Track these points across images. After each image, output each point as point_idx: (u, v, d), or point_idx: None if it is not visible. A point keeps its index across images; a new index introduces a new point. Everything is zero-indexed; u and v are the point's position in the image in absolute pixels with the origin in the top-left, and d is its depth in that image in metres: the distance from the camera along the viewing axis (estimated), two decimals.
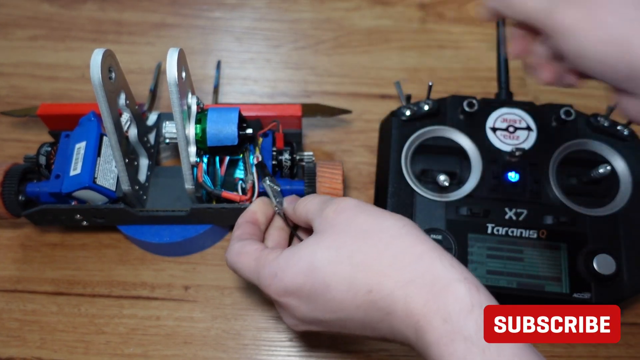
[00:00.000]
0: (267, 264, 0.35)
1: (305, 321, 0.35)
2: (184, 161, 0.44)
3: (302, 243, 0.35)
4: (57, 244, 0.54)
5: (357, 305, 0.32)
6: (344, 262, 0.33)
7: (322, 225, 0.35)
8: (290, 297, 0.34)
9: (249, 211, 0.43)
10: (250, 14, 0.71)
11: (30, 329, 0.49)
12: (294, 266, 0.34)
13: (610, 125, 0.50)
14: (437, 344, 0.29)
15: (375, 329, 0.33)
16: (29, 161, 0.51)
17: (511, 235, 0.47)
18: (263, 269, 0.35)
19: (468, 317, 0.29)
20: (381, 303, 0.31)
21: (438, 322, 0.29)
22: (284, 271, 0.34)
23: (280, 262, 0.35)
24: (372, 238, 0.33)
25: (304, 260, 0.34)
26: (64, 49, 0.67)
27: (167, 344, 0.49)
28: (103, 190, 0.47)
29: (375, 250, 0.33)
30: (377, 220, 0.34)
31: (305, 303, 0.34)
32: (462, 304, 0.29)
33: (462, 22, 0.69)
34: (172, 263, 0.53)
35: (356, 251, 0.33)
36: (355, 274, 0.32)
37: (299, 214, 0.39)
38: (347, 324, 0.34)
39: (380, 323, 0.32)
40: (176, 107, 0.42)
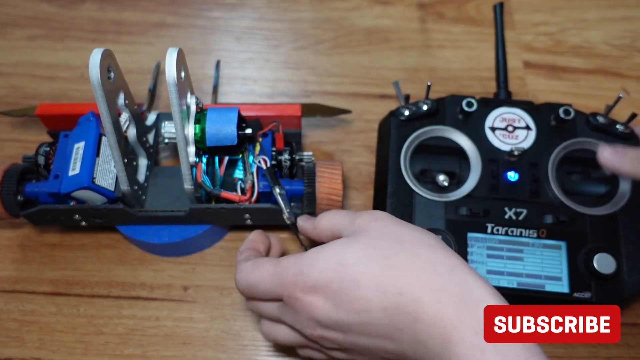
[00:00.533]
0: (290, 264, 0.34)
1: (324, 324, 0.34)
2: (183, 161, 0.44)
3: (331, 242, 0.34)
4: (56, 244, 0.54)
5: (384, 306, 0.31)
6: (375, 261, 0.32)
7: (354, 231, 0.35)
8: (316, 295, 0.33)
9: (249, 241, 0.42)
10: (250, 13, 0.71)
11: (28, 330, 0.49)
12: (323, 262, 0.33)
13: (609, 124, 0.50)
14: (467, 355, 0.28)
15: (396, 339, 0.32)
16: (28, 161, 0.51)
17: (511, 235, 0.47)
18: (287, 270, 0.34)
19: None
20: (410, 307, 0.31)
21: (469, 334, 0.29)
22: (311, 267, 0.33)
23: (306, 260, 0.34)
24: (406, 245, 0.33)
25: (334, 257, 0.33)
26: (63, 48, 0.67)
27: (166, 344, 0.49)
28: (102, 190, 0.47)
29: (409, 256, 0.32)
30: (410, 231, 0.34)
31: (330, 301, 0.33)
32: None
33: (461, 21, 0.70)
34: (171, 263, 0.53)
35: (389, 254, 0.32)
36: (386, 274, 0.32)
37: (322, 228, 0.38)
38: (369, 329, 0.32)
39: (404, 331, 0.31)
40: (175, 107, 0.42)
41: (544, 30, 0.69)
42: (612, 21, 0.70)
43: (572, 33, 0.69)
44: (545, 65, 0.66)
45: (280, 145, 0.51)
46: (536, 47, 0.68)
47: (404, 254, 0.32)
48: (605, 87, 0.64)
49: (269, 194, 0.48)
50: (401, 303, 0.31)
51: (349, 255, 0.33)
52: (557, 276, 0.46)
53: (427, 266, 0.32)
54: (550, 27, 0.70)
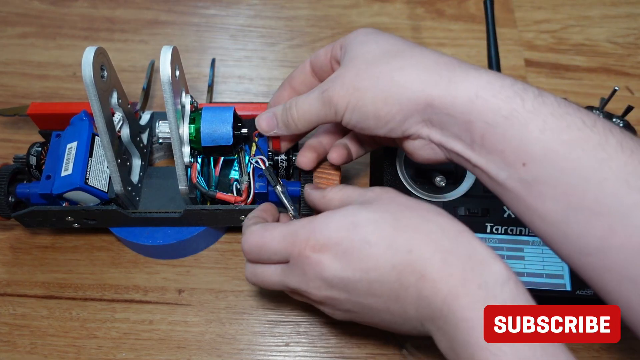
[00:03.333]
0: (303, 225, 0.35)
1: (331, 284, 0.35)
2: (178, 161, 0.45)
3: (342, 207, 0.36)
4: (48, 247, 0.54)
5: (393, 264, 0.32)
6: (386, 223, 0.33)
7: (365, 202, 0.36)
8: (327, 253, 0.34)
9: (259, 210, 0.43)
10: (246, 11, 0.71)
11: (20, 334, 0.49)
12: (336, 222, 0.34)
13: (605, 117, 0.51)
14: (469, 308, 0.30)
15: (401, 297, 0.33)
16: (19, 161, 0.51)
17: (511, 234, 0.48)
18: (299, 229, 0.35)
19: (504, 287, 0.30)
20: (418, 265, 0.32)
21: (473, 288, 0.30)
22: (323, 226, 0.34)
23: (319, 220, 0.35)
24: (416, 211, 0.34)
25: (347, 218, 0.34)
26: (55, 46, 0.67)
27: (160, 348, 0.49)
28: (95, 191, 0.47)
29: (419, 219, 0.34)
30: (419, 202, 0.36)
31: (339, 259, 0.34)
32: (498, 275, 0.31)
33: (461, 19, 0.70)
34: (165, 266, 0.53)
35: (400, 217, 0.34)
36: (397, 234, 0.33)
37: (331, 197, 0.39)
38: (375, 288, 0.33)
39: (409, 289, 0.32)
40: (170, 106, 0.42)
41: (545, 27, 0.70)
42: (616, 18, 0.71)
43: (575, 31, 0.70)
44: (547, 64, 0.67)
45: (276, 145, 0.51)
46: (538, 45, 0.68)
47: (414, 217, 0.34)
48: (609, 86, 0.65)
49: (266, 194, 0.48)
50: (410, 261, 0.32)
51: (361, 217, 0.34)
52: (558, 274, 0.46)
53: (436, 229, 0.33)
54: (552, 24, 0.70)
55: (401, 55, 0.36)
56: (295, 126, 0.42)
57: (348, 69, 0.38)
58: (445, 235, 0.33)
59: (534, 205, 0.32)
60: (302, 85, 0.46)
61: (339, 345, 0.49)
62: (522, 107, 0.32)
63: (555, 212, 0.31)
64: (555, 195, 0.31)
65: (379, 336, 0.49)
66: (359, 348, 0.49)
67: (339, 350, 0.49)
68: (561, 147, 0.30)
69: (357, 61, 0.38)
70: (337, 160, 0.45)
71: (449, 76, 0.34)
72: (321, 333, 0.50)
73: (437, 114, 0.35)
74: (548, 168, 0.31)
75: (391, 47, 0.37)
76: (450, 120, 0.34)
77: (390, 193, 0.37)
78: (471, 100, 0.33)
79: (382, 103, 0.36)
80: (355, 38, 0.40)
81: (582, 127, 0.31)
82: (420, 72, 0.35)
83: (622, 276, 0.30)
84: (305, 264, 0.35)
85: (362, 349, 0.49)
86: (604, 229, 0.30)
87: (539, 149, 0.31)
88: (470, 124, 0.33)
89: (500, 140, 0.32)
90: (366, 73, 0.37)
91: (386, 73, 0.36)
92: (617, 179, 0.29)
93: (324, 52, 0.43)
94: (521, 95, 0.32)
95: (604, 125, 0.31)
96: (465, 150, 0.35)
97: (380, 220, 0.34)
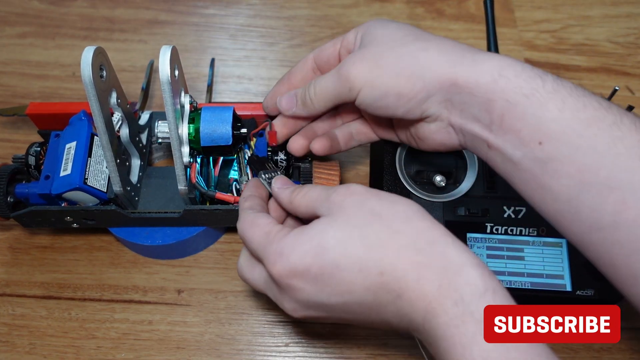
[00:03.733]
0: (275, 240, 0.35)
1: (307, 305, 0.35)
2: (177, 161, 0.45)
3: (311, 223, 0.35)
4: (47, 247, 0.54)
5: (366, 287, 0.32)
6: (355, 242, 0.33)
7: (330, 209, 0.35)
8: (296, 279, 0.33)
9: (250, 187, 0.42)
10: (245, 10, 0.71)
11: (19, 334, 0.50)
12: (303, 245, 0.33)
13: None
14: (447, 325, 0.30)
15: (381, 312, 0.33)
16: (18, 161, 0.51)
17: (511, 234, 0.48)
18: (270, 245, 0.35)
19: (480, 300, 0.30)
20: (392, 285, 0.32)
21: (449, 305, 0.30)
22: (291, 250, 0.33)
23: (288, 241, 0.34)
24: (385, 220, 0.33)
25: (314, 240, 0.33)
26: (54, 46, 0.67)
27: (159, 349, 0.49)
28: (94, 191, 0.47)
29: (389, 232, 0.33)
30: (389, 204, 0.34)
31: (311, 285, 0.33)
32: (474, 287, 0.30)
33: (461, 18, 0.70)
34: (164, 266, 0.53)
35: (369, 232, 0.33)
36: (368, 255, 0.32)
37: (297, 205, 0.38)
38: (353, 307, 0.33)
39: (388, 306, 0.32)
40: (169, 106, 0.42)
41: (546, 27, 0.70)
42: (616, 18, 0.71)
43: (575, 30, 0.70)
44: (547, 64, 0.67)
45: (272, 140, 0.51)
46: (538, 45, 0.68)
47: (383, 231, 0.33)
48: (609, 86, 0.64)
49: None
50: (384, 282, 0.32)
51: (328, 238, 0.33)
52: (559, 274, 0.46)
53: (407, 242, 0.32)
54: (552, 24, 0.70)
55: (422, 39, 0.37)
56: (312, 105, 0.42)
57: (368, 49, 0.38)
58: (418, 247, 0.32)
59: (547, 183, 0.33)
60: (302, 82, 0.45)
61: (339, 346, 0.49)
62: (542, 88, 0.32)
63: (569, 188, 0.32)
64: (570, 172, 0.31)
65: (379, 337, 0.49)
66: (358, 348, 0.49)
67: (339, 350, 0.49)
68: (578, 125, 0.31)
69: (377, 42, 0.38)
70: (319, 151, 0.45)
71: (472, 57, 0.35)
72: (321, 334, 0.50)
73: (460, 93, 0.35)
74: (564, 146, 0.31)
75: (411, 31, 0.38)
76: (472, 100, 0.35)
77: (356, 195, 0.35)
78: (494, 80, 0.33)
79: (405, 80, 0.36)
80: (373, 24, 0.40)
81: (598, 108, 0.32)
82: (444, 53, 0.36)
83: (631, 250, 0.30)
84: (278, 285, 0.35)
85: (361, 349, 0.49)
86: (616, 203, 0.30)
87: (556, 127, 0.32)
88: (492, 103, 0.34)
89: (519, 118, 0.33)
90: (389, 52, 0.37)
91: (410, 53, 0.36)
92: (630, 155, 0.30)
93: (331, 44, 0.43)
94: (542, 77, 0.33)
95: (619, 109, 0.32)
96: (483, 131, 0.35)
97: (348, 241, 0.33)
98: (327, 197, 0.36)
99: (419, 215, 0.34)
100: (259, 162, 0.46)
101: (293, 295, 0.34)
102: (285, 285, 0.34)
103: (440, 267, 0.31)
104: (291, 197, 0.39)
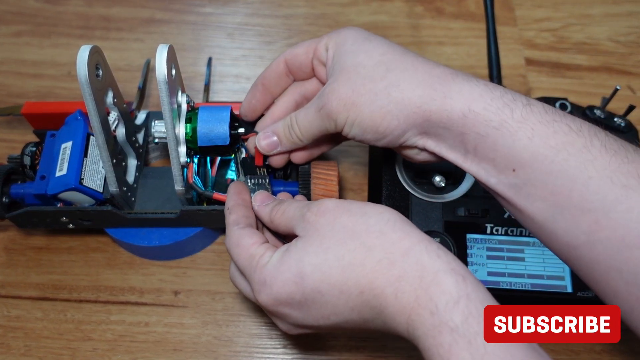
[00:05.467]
0: (258, 269, 0.36)
1: (298, 326, 0.37)
2: (174, 162, 0.45)
3: (289, 250, 0.36)
4: (43, 248, 0.54)
5: (350, 307, 0.33)
6: (332, 266, 0.33)
7: (306, 229, 0.36)
8: (282, 306, 0.35)
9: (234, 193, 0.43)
10: (243, 9, 0.71)
11: (14, 336, 0.50)
12: (283, 274, 0.35)
13: (607, 117, 0.51)
14: (426, 336, 0.30)
15: (370, 326, 0.34)
16: (13, 161, 0.51)
17: (511, 235, 0.48)
18: (254, 273, 0.36)
19: (454, 309, 0.30)
20: (373, 302, 0.32)
21: (426, 316, 0.30)
22: (273, 280, 0.35)
23: (269, 271, 0.35)
24: (359, 238, 0.34)
25: (293, 269, 0.34)
26: (50, 45, 0.67)
27: (156, 351, 0.49)
28: (90, 191, 0.47)
29: (363, 249, 0.33)
30: (360, 218, 0.35)
31: (297, 311, 0.35)
32: (449, 295, 0.30)
33: (461, 17, 0.70)
34: (161, 267, 0.53)
35: (343, 253, 0.34)
36: (345, 276, 0.33)
37: (277, 224, 0.40)
38: (342, 325, 0.35)
39: (375, 321, 0.33)
40: (166, 106, 0.42)
41: (546, 26, 0.70)
42: (617, 17, 0.71)
43: (576, 29, 0.70)
44: (548, 63, 0.67)
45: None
46: (538, 44, 0.69)
47: (357, 249, 0.34)
48: (610, 85, 0.64)
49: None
50: (365, 300, 0.33)
51: (305, 265, 0.34)
52: (559, 275, 0.47)
53: (380, 257, 0.33)
54: (552, 22, 0.70)
55: (394, 68, 0.37)
56: (302, 142, 0.43)
57: (341, 84, 0.38)
58: (392, 260, 0.33)
59: (523, 206, 0.34)
60: (277, 87, 0.46)
61: (337, 347, 0.49)
62: (511, 118, 0.33)
63: (543, 212, 0.33)
64: (543, 196, 0.33)
65: (378, 339, 0.50)
66: (357, 350, 0.49)
67: (337, 352, 0.49)
68: (549, 152, 0.32)
69: (350, 74, 0.38)
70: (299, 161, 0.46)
71: (444, 91, 0.35)
72: (319, 336, 0.50)
73: (434, 127, 0.36)
74: (536, 172, 0.33)
75: (382, 58, 0.38)
76: (446, 133, 0.36)
77: (328, 214, 0.36)
78: (464, 115, 0.34)
79: (380, 119, 0.37)
80: (343, 45, 0.40)
81: (568, 132, 0.32)
82: (416, 87, 0.36)
83: (608, 267, 0.31)
84: (267, 311, 0.37)
85: (360, 351, 0.49)
86: (590, 224, 0.31)
87: (527, 155, 0.33)
88: (464, 136, 0.35)
89: (491, 149, 0.34)
90: (362, 88, 0.37)
91: (382, 89, 0.37)
92: (601, 177, 0.31)
93: (303, 51, 0.43)
94: (510, 106, 0.34)
95: (589, 129, 0.33)
96: (458, 159, 0.37)
97: (324, 265, 0.34)
98: (302, 216, 0.37)
99: (391, 226, 0.34)
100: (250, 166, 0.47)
101: (283, 320, 0.37)
102: (274, 312, 0.36)
103: (416, 277, 0.32)
104: (271, 216, 0.40)
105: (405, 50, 0.39)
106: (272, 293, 0.35)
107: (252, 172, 0.47)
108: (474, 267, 0.47)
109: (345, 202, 0.36)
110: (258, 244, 0.38)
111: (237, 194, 0.42)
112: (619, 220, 0.30)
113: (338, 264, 0.33)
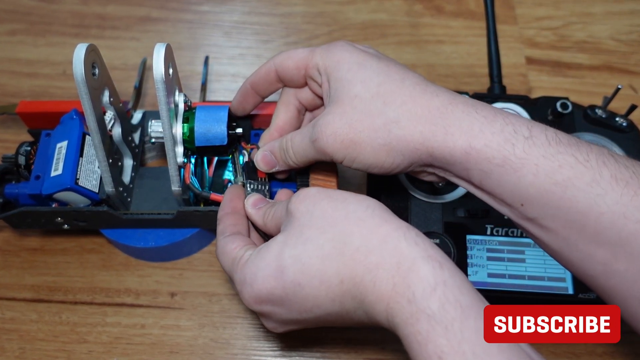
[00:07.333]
0: (238, 268, 0.37)
1: (283, 323, 0.37)
2: (171, 162, 0.45)
3: (268, 245, 0.36)
4: (37, 249, 0.54)
5: (331, 298, 0.34)
6: (311, 256, 0.34)
7: (287, 221, 0.37)
8: (264, 304, 0.35)
9: (227, 201, 0.43)
10: (240, 7, 0.72)
11: (8, 338, 0.50)
12: (263, 270, 0.35)
13: (608, 117, 0.51)
14: (404, 324, 0.30)
15: (353, 318, 0.34)
16: (8, 161, 0.51)
17: (511, 236, 0.48)
18: (235, 274, 0.37)
19: (431, 296, 0.30)
20: (353, 291, 0.33)
21: (404, 303, 0.30)
22: (253, 277, 0.35)
23: (249, 268, 0.36)
24: (337, 225, 0.34)
25: (273, 264, 0.35)
26: (45, 44, 0.67)
27: (152, 353, 0.49)
28: (85, 191, 0.48)
29: (341, 237, 0.34)
30: (340, 205, 0.35)
31: (279, 307, 0.35)
32: (425, 283, 0.30)
33: (461, 16, 0.71)
34: (157, 269, 0.53)
35: (322, 242, 0.34)
36: (325, 266, 0.33)
37: (270, 227, 0.40)
38: (326, 318, 0.35)
39: (357, 312, 0.34)
40: (162, 105, 0.43)
41: (547, 24, 0.70)
42: (619, 15, 0.71)
43: (577, 28, 0.70)
44: (549, 62, 0.67)
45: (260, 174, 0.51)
46: (539, 43, 0.69)
47: (336, 238, 0.34)
48: (612, 84, 0.65)
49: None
50: (345, 290, 0.33)
51: (285, 258, 0.34)
52: (560, 277, 0.47)
53: (359, 244, 0.33)
54: (553, 21, 0.71)
55: (391, 102, 0.37)
56: (296, 165, 0.44)
57: (337, 117, 0.38)
58: (370, 247, 0.33)
59: (537, 234, 0.35)
60: (266, 91, 0.47)
61: (336, 350, 0.49)
62: (513, 154, 0.33)
63: (558, 242, 0.33)
64: (556, 229, 0.33)
65: (377, 341, 0.50)
66: (355, 352, 0.49)
67: (336, 354, 0.49)
68: (556, 188, 0.32)
69: (345, 107, 0.38)
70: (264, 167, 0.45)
71: (444, 125, 0.35)
72: (317, 338, 0.50)
73: (438, 160, 0.36)
74: (545, 207, 0.33)
75: (379, 90, 0.38)
76: (451, 167, 0.36)
77: (308, 200, 0.36)
78: (467, 152, 0.34)
79: (384, 155, 0.37)
80: (337, 71, 0.40)
81: (574, 165, 0.32)
82: (417, 124, 0.36)
83: (627, 296, 0.31)
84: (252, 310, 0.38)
85: (359, 353, 0.49)
86: (605, 256, 0.31)
87: (534, 192, 0.33)
88: (469, 171, 0.35)
89: (496, 185, 0.34)
90: (359, 125, 0.37)
91: (382, 126, 0.37)
92: (613, 212, 0.31)
93: (294, 66, 0.43)
94: (511, 141, 0.33)
95: (598, 158, 0.32)
96: (467, 186, 0.38)
97: (304, 256, 0.34)
98: (285, 208, 0.38)
99: (370, 213, 0.34)
100: (253, 170, 0.47)
101: (267, 318, 0.37)
102: (257, 310, 0.37)
103: (394, 264, 0.32)
104: (264, 219, 0.41)
105: (403, 75, 0.38)
106: (252, 291, 0.35)
107: (254, 177, 0.47)
108: (474, 269, 0.47)
109: (328, 190, 0.37)
110: (240, 247, 0.38)
111: (229, 201, 0.43)
112: (635, 253, 0.30)
113: (317, 253, 0.34)
